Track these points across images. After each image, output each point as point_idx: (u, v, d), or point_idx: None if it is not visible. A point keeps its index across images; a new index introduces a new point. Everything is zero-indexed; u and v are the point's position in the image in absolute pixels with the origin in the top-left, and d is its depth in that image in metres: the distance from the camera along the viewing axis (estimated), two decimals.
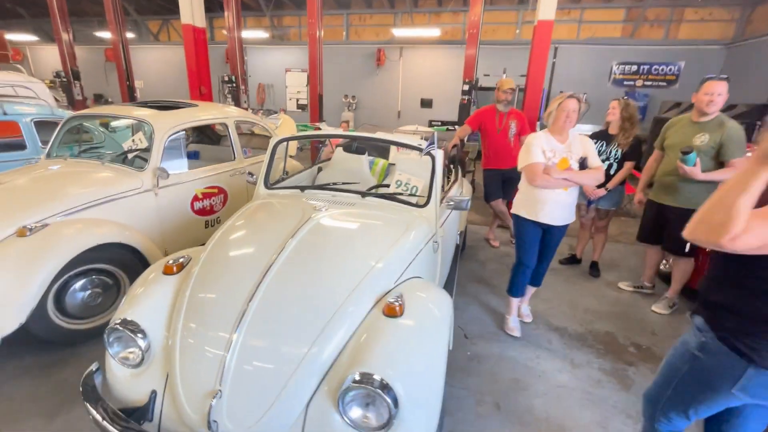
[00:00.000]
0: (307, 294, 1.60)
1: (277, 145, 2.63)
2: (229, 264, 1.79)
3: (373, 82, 11.55)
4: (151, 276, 1.84)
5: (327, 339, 1.46)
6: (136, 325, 1.58)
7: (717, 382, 1.24)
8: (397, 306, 1.56)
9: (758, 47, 8.21)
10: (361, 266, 1.71)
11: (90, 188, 2.57)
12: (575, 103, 2.27)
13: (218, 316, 1.55)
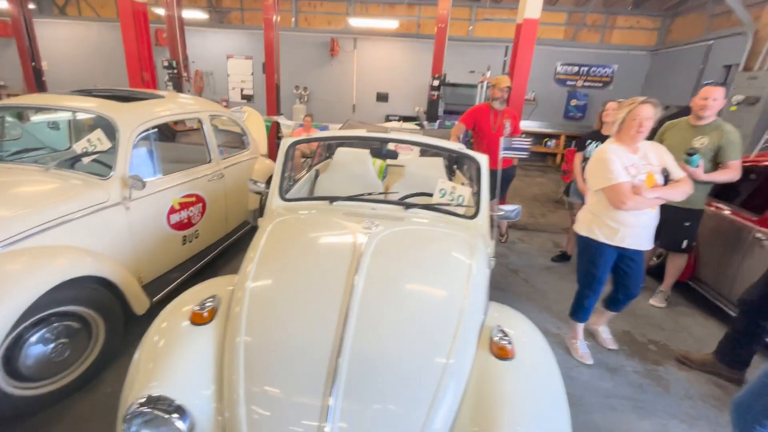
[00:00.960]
0: (404, 342, 1.31)
1: (290, 149, 2.23)
2: (286, 306, 1.42)
3: (327, 73, 10.99)
4: (171, 328, 1.40)
5: (442, 397, 1.19)
6: (169, 402, 1.17)
7: None
8: (507, 346, 1.34)
9: (676, 54, 9.25)
10: (450, 302, 1.46)
11: (38, 205, 1.94)
12: (650, 110, 2.03)
13: (299, 376, 1.20)
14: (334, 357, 1.21)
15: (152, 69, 5.36)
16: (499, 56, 10.60)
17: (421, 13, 10.65)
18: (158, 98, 2.88)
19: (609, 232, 2.23)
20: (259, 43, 10.82)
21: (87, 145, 2.40)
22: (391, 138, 2.49)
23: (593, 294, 2.42)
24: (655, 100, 2.08)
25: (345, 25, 10.71)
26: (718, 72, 7.80)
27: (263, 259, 1.61)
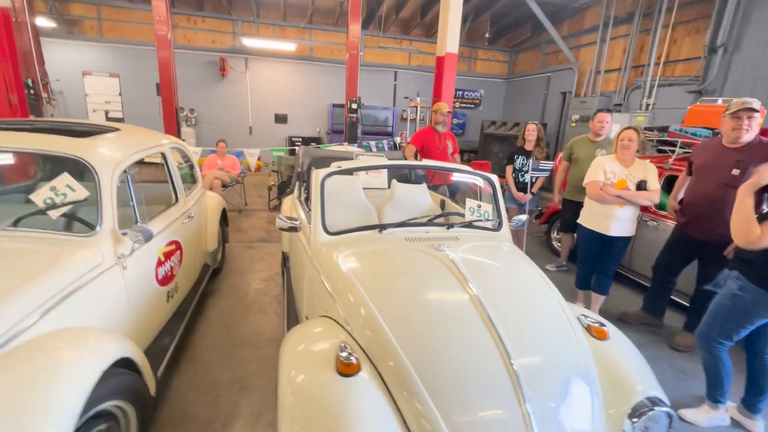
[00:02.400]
0: (543, 340, 1.49)
1: (324, 180, 2.18)
2: (433, 331, 1.45)
3: (217, 95, 10.16)
4: (325, 385, 1.29)
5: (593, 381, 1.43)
6: None
7: (753, 310, 1.91)
8: (603, 328, 1.66)
9: (525, 82, 11.62)
10: (549, 300, 1.71)
11: (32, 281, 1.46)
12: (632, 134, 2.80)
13: (486, 392, 1.28)
14: (508, 363, 1.32)
15: (22, 90, 4.18)
16: (389, 81, 11.55)
17: (312, 37, 10.83)
18: (115, 131, 2.38)
19: (593, 221, 2.98)
20: (125, 59, 9.46)
21: (52, 195, 1.85)
22: (417, 164, 2.65)
23: (582, 266, 3.22)
24: (638, 126, 2.89)
25: (233, 44, 10.13)
26: (558, 97, 10.11)
27: (371, 293, 1.58)
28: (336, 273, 1.74)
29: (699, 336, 2.17)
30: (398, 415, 1.25)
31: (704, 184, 2.71)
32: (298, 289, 2.49)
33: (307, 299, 2.08)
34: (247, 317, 3.10)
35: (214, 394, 2.22)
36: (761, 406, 2.11)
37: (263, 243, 4.92)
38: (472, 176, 2.57)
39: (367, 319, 1.49)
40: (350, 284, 1.65)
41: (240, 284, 3.68)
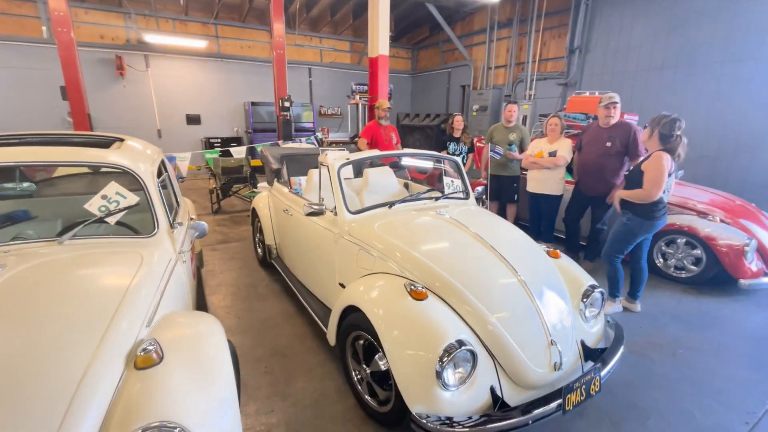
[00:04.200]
0: (531, 263, 2.24)
1: (340, 170, 2.63)
2: (462, 263, 2.08)
3: (116, 96, 9.11)
4: (408, 305, 1.83)
5: (561, 280, 2.22)
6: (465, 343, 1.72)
7: (637, 231, 3.01)
8: (557, 250, 2.50)
9: (428, 77, 12.88)
10: (520, 235, 2.49)
11: (143, 274, 1.68)
12: (557, 120, 3.93)
13: (511, 296, 1.96)
14: (516, 275, 2.02)
15: None
16: (304, 77, 11.71)
17: (219, 33, 10.37)
18: (123, 140, 2.45)
19: (531, 185, 4.19)
20: None
21: (105, 203, 1.95)
22: (409, 152, 3.23)
23: (534, 222, 4.40)
24: (557, 114, 3.96)
25: (127, 40, 9.19)
26: (458, 90, 11.52)
27: (412, 246, 2.14)
28: (380, 239, 2.25)
29: (604, 254, 3.21)
30: (460, 318, 1.86)
31: (590, 155, 3.85)
32: (313, 266, 2.90)
33: (340, 268, 2.53)
34: (253, 306, 3.34)
35: (262, 365, 2.53)
36: (639, 293, 3.26)
37: (225, 244, 4.97)
38: (433, 160, 3.27)
39: (416, 263, 2.06)
40: (394, 244, 2.19)
41: (226, 282, 3.82)
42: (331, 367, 2.53)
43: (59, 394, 1.13)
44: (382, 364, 1.91)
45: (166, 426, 1.14)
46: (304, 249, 3.05)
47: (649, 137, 2.80)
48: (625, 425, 2.08)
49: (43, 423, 1.06)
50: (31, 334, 1.29)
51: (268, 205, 3.96)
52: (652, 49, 6.95)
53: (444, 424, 1.58)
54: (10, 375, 1.15)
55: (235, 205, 6.91)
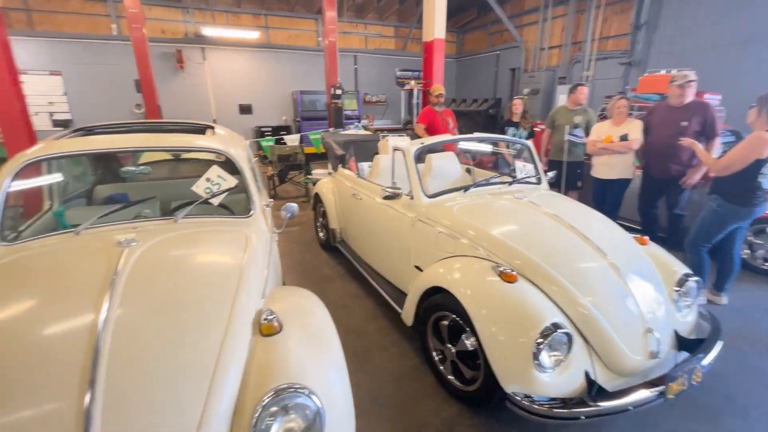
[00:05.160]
0: (621, 247, 2.17)
1: (415, 154, 2.65)
2: (548, 244, 2.05)
3: (176, 88, 9.66)
4: (494, 282, 1.84)
5: (653, 266, 2.13)
6: (561, 326, 1.71)
7: (729, 219, 2.80)
8: (644, 237, 2.39)
9: (474, 61, 12.51)
10: (601, 216, 2.43)
11: (252, 251, 1.80)
12: (624, 101, 3.68)
13: (602, 280, 1.91)
14: (607, 258, 1.97)
15: (21, 96, 3.92)
16: (350, 65, 11.76)
17: (269, 23, 10.63)
18: (211, 127, 2.62)
19: (596, 170, 3.95)
20: (69, 55, 8.71)
21: (209, 186, 2.11)
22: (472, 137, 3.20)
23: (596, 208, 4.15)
24: (624, 95, 3.76)
25: (186, 34, 9.65)
26: (507, 74, 11.12)
27: (495, 228, 2.15)
28: (461, 221, 2.27)
29: (688, 242, 3.03)
30: (551, 300, 1.85)
31: (661, 136, 3.60)
32: (385, 249, 2.96)
33: (416, 251, 2.57)
34: (320, 286, 3.49)
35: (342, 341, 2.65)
36: (726, 286, 3.05)
37: (285, 228, 5.18)
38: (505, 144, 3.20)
39: (500, 245, 2.06)
40: (477, 226, 2.20)
41: (293, 264, 4.01)
42: (406, 347, 2.61)
43: (206, 358, 1.25)
44: (469, 343, 1.95)
45: (294, 387, 1.24)
46: (374, 232, 3.12)
47: (758, 117, 2.57)
48: (724, 420, 1.99)
49: (197, 384, 1.19)
50: (172, 303, 1.44)
51: (332, 191, 4.07)
52: (736, 21, 6.31)
53: (543, 404, 1.60)
54: (163, 340, 1.29)
55: (289, 191, 7.16)
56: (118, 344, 1.22)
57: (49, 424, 1.04)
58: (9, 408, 1.07)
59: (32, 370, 1.16)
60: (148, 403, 1.13)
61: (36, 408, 1.08)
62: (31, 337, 1.25)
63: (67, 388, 1.09)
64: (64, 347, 1.20)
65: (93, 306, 1.31)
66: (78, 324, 1.27)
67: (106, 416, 1.06)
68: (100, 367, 1.14)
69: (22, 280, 1.52)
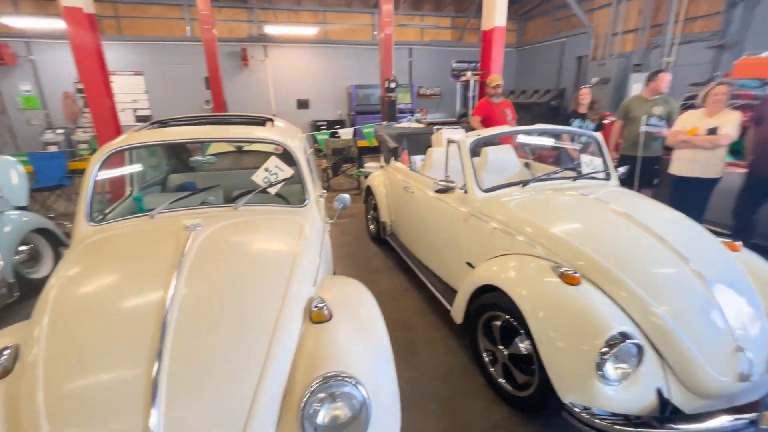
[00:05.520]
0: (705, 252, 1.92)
1: (471, 147, 2.55)
2: (618, 244, 1.86)
3: (240, 84, 10.27)
4: (561, 298, 1.71)
5: (746, 274, 1.86)
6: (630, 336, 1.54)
7: None
8: (736, 243, 2.09)
9: (536, 50, 11.82)
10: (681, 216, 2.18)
11: (304, 240, 1.85)
12: (724, 88, 3.25)
13: (682, 288, 1.70)
14: (688, 264, 1.75)
15: (111, 94, 4.42)
16: (404, 58, 11.68)
17: (327, 20, 10.88)
18: (270, 120, 2.72)
19: (676, 166, 3.55)
20: (149, 56, 9.55)
21: (267, 175, 2.21)
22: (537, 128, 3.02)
23: None
24: (723, 81, 3.35)
25: (250, 33, 10.19)
26: (573, 62, 10.37)
27: (553, 225, 2.00)
28: (518, 217, 2.15)
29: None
30: (619, 307, 1.68)
31: None
32: (436, 244, 2.90)
33: (468, 247, 2.48)
34: (370, 277, 3.52)
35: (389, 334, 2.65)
36: None
37: (338, 219, 5.29)
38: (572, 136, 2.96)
39: (561, 244, 1.91)
40: (535, 223, 2.06)
41: (343, 255, 4.08)
42: (454, 344, 2.54)
43: (260, 339, 1.30)
44: (523, 347, 1.84)
45: (342, 375, 1.25)
46: (425, 226, 3.07)
47: None
48: None
49: (252, 362, 1.24)
50: (231, 284, 1.51)
51: (383, 183, 4.07)
52: None
53: (605, 419, 1.46)
54: (222, 319, 1.36)
55: (341, 184, 7.31)
56: (182, 320, 1.30)
57: (122, 389, 1.14)
58: (90, 370, 1.19)
59: (111, 337, 1.28)
60: (207, 376, 1.20)
61: (113, 373, 1.19)
62: (112, 308, 1.39)
63: (139, 357, 1.19)
64: (137, 319, 1.31)
65: (163, 284, 1.42)
66: (149, 299, 1.38)
67: (171, 385, 1.14)
68: (166, 340, 1.23)
69: (106, 257, 1.69)
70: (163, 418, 1.08)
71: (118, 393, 1.13)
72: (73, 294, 1.46)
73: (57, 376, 1.17)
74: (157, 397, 1.11)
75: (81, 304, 1.42)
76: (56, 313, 1.37)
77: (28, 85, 9.12)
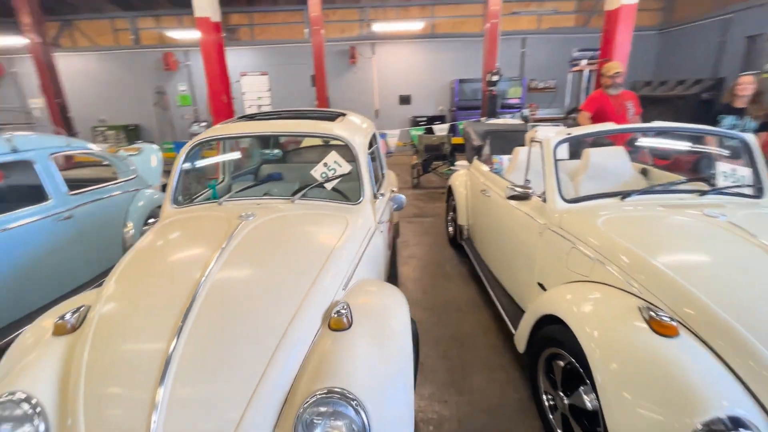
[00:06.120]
0: None
1: (556, 148, 2.15)
2: (752, 297, 1.34)
3: (347, 82, 10.86)
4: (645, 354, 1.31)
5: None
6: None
7: None
8: None
9: (688, 31, 9.70)
10: None
11: (345, 239, 1.78)
12: None
13: None
14: None
15: (229, 90, 5.11)
16: (516, 49, 10.81)
17: (435, 13, 10.70)
18: (345, 115, 2.73)
19: None
20: (272, 58, 10.66)
21: (325, 170, 2.23)
22: (654, 126, 2.43)
23: None
24: None
25: (360, 32, 10.63)
26: (741, 44, 8.21)
27: (652, 252, 1.54)
28: (604, 237, 1.73)
29: None
30: (734, 376, 1.20)
31: None
32: (508, 257, 2.56)
33: (541, 265, 2.12)
34: (438, 283, 3.32)
35: (441, 349, 2.45)
36: None
37: (419, 218, 5.17)
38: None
39: (661, 279, 1.46)
40: (627, 247, 1.62)
41: (416, 255, 3.95)
42: (515, 375, 2.21)
43: (269, 338, 1.28)
44: (588, 400, 1.47)
45: (345, 394, 1.14)
46: (499, 236, 2.74)
47: None
48: None
49: (260, 358, 1.22)
50: (260, 276, 1.53)
51: (465, 184, 3.80)
52: None
53: None
54: (243, 308, 1.37)
55: (432, 182, 7.13)
56: (206, 304, 1.36)
57: (143, 361, 1.22)
58: (126, 339, 1.32)
59: (150, 309, 1.39)
60: (217, 360, 1.22)
61: (141, 344, 1.29)
62: (158, 281, 1.52)
63: (163, 333, 1.27)
64: (173, 296, 1.41)
65: (202, 266, 1.50)
66: (187, 279, 1.46)
67: (180, 365, 1.19)
68: (188, 320, 1.29)
69: (172, 236, 1.88)
70: (168, 397, 1.13)
71: (139, 365, 1.22)
72: (135, 266, 1.65)
73: (101, 339, 1.31)
74: (166, 375, 1.16)
75: (138, 276, 1.59)
76: (119, 281, 1.56)
77: (185, 86, 11.08)
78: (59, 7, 10.14)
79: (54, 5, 10.02)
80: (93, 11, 10.65)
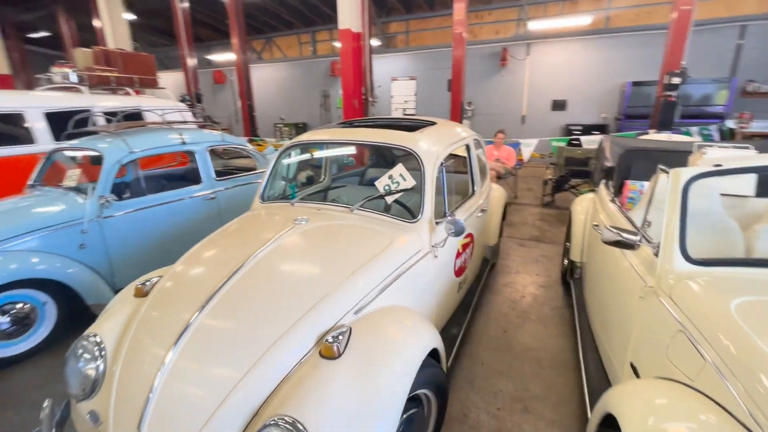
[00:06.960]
0: None
1: (689, 185, 1.53)
2: None
3: (493, 86, 10.33)
4: None
5: None
6: None
7: None
8: None
9: None
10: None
11: (373, 261, 1.66)
12: None
13: None
14: None
15: (360, 96, 5.54)
16: (728, 41, 8.30)
17: (611, 3, 9.12)
18: (433, 124, 2.58)
19: None
20: (421, 63, 10.93)
21: (389, 183, 2.16)
22: None
23: None
24: None
25: (515, 32, 9.91)
26: None
27: None
28: (733, 332, 1.13)
29: None
30: None
31: None
32: (607, 320, 1.97)
33: (636, 340, 1.55)
34: (526, 325, 2.82)
35: (495, 405, 2.08)
36: None
37: (536, 242, 4.52)
38: None
39: None
40: None
41: (514, 285, 3.45)
42: None
43: (255, 349, 1.29)
44: None
45: (297, 426, 1.08)
46: (603, 286, 2.14)
47: None
48: None
49: (246, 362, 1.26)
50: (282, 282, 1.56)
51: (585, 211, 3.11)
52: None
53: None
54: (253, 306, 1.43)
55: (569, 201, 6.14)
56: (229, 293, 1.47)
57: (168, 325, 1.40)
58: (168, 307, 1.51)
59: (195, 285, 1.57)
60: (220, 344, 1.31)
61: (175, 315, 1.45)
62: (209, 264, 1.71)
63: (191, 307, 1.43)
64: (211, 278, 1.57)
65: (243, 258, 1.63)
66: (227, 267, 1.61)
67: (194, 335, 1.33)
68: (210, 302, 1.43)
69: (241, 227, 2.09)
70: (173, 364, 1.27)
71: (168, 328, 1.39)
72: (203, 247, 1.90)
73: (156, 304, 1.55)
74: (178, 343, 1.31)
75: (200, 256, 1.82)
76: (186, 259, 1.82)
77: None
78: (264, 27, 12.74)
79: (260, 26, 12.65)
80: (287, 28, 12.98)
